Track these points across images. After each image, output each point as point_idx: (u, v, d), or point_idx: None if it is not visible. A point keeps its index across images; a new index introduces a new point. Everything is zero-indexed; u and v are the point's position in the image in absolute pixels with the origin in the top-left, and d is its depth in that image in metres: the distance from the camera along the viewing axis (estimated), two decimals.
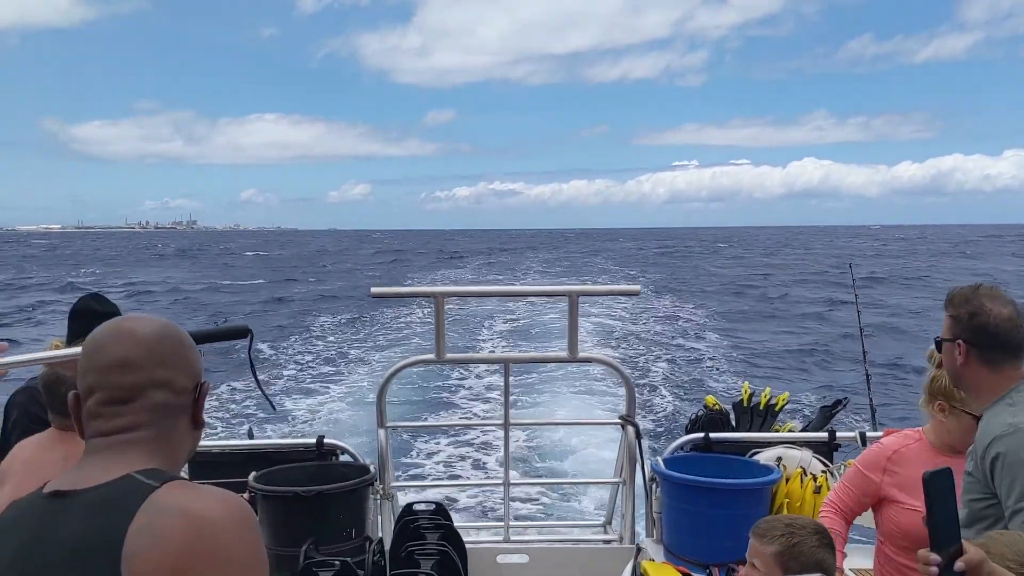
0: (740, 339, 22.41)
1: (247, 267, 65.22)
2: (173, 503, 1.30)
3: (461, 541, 3.79)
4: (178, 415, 1.49)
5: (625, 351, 19.42)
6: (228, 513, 1.32)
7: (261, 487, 3.81)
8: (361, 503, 3.91)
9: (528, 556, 4.19)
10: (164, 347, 1.48)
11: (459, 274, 48.45)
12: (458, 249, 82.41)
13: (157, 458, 1.42)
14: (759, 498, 3.82)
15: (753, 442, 4.26)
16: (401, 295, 6.59)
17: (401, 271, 47.56)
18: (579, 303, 4.23)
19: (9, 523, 1.40)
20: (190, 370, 1.51)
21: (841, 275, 28.90)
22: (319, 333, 23.73)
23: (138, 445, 1.42)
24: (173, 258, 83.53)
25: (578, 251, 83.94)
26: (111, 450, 1.41)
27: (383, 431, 4.30)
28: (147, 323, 1.50)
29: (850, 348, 17.70)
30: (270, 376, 16.52)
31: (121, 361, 1.44)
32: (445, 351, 4.26)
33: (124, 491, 1.33)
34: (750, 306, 30.62)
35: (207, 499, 1.34)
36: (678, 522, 3.91)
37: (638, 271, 45.91)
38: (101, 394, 1.43)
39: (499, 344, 19.99)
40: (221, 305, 34.00)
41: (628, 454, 4.29)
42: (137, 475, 1.36)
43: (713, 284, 39.42)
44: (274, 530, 3.78)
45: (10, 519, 1.41)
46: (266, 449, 4.39)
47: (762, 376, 16.22)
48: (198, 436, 1.56)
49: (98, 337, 1.48)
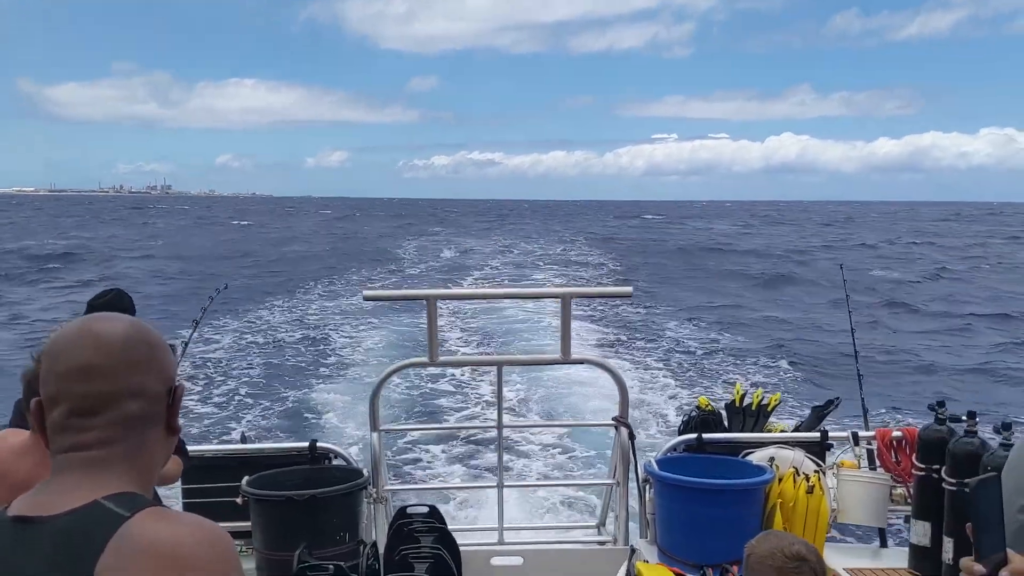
0: (729, 337, 22.44)
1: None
2: (142, 539, 1.21)
3: (455, 543, 3.79)
4: (152, 424, 1.38)
5: (617, 351, 19.43)
6: (202, 550, 1.23)
7: (254, 491, 3.80)
8: (354, 507, 3.91)
9: (522, 558, 4.19)
10: (133, 351, 1.35)
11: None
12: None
13: (129, 477, 1.32)
14: (752, 498, 3.83)
15: (746, 443, 4.28)
16: (393, 298, 6.57)
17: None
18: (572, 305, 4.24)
19: None
20: (163, 374, 1.39)
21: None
22: (311, 330, 23.68)
23: (109, 464, 1.31)
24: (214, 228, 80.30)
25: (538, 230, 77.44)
26: (79, 470, 1.30)
27: (376, 434, 4.29)
28: (113, 324, 1.37)
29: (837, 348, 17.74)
30: (262, 374, 16.47)
31: (86, 368, 1.31)
32: (438, 354, 4.26)
33: (91, 522, 1.23)
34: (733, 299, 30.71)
35: (179, 533, 1.24)
36: (672, 523, 3.92)
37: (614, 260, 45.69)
38: (66, 405, 1.31)
39: (492, 344, 19.98)
40: None
41: (621, 455, 4.29)
42: (106, 502, 1.25)
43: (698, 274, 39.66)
44: (267, 534, 3.77)
45: None
46: (259, 453, 4.39)
47: (750, 376, 16.24)
48: (174, 443, 1.45)
49: (59, 340, 1.35)
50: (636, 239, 59.87)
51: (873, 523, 4.11)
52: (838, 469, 4.13)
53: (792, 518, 3.81)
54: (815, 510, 3.84)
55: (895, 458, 4.16)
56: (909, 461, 4.04)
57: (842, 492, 4.04)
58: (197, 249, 47.02)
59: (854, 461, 4.22)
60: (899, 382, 15.94)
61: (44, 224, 75.14)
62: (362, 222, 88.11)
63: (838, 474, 4.09)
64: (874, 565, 3.79)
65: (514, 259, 42.22)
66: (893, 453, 4.17)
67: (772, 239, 61.20)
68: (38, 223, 76.87)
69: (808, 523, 3.82)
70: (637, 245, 52.52)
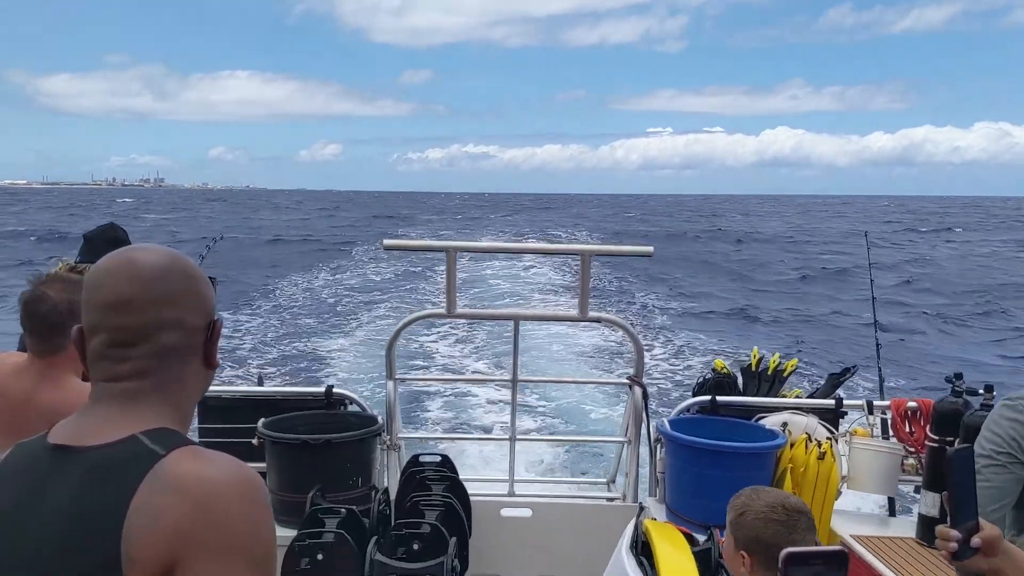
0: (746, 304, 22.37)
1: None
2: (176, 478, 1.22)
3: (466, 493, 3.83)
4: (190, 356, 1.38)
5: (635, 312, 19.42)
6: (234, 491, 1.24)
7: (270, 433, 3.85)
8: (368, 453, 3.96)
9: (531, 510, 4.24)
10: (172, 283, 1.35)
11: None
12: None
13: (166, 410, 1.34)
14: (763, 462, 3.84)
15: (759, 407, 4.27)
16: (413, 248, 6.57)
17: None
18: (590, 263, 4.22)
19: (12, 470, 1.32)
20: (202, 307, 1.39)
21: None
22: (328, 282, 23.82)
23: (146, 397, 1.33)
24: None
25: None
26: (117, 401, 1.32)
27: (391, 383, 4.32)
28: (153, 255, 1.37)
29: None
30: (281, 325, 16.62)
31: (125, 300, 1.32)
32: (456, 306, 4.27)
33: (128, 457, 1.25)
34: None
35: (213, 473, 1.25)
36: (681, 483, 3.94)
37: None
38: (105, 335, 1.33)
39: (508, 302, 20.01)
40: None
41: (634, 414, 4.31)
42: (143, 437, 1.27)
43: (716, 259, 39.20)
44: (282, 476, 3.83)
45: (12, 466, 1.34)
46: (275, 396, 4.43)
47: (767, 341, 16.22)
48: (211, 377, 1.46)
49: (100, 271, 1.36)
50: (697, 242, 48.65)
51: (883, 492, 4.11)
52: (851, 437, 4.13)
53: (802, 483, 3.82)
54: (825, 476, 3.84)
55: (909, 428, 4.14)
56: (923, 432, 4.02)
57: (853, 460, 4.04)
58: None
59: (867, 430, 4.21)
60: (919, 355, 15.90)
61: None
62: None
63: (850, 442, 4.09)
64: (881, 533, 3.80)
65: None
66: (907, 423, 4.15)
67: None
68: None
69: (818, 489, 3.83)
70: (698, 252, 41.74)
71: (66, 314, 2.41)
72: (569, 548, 4.13)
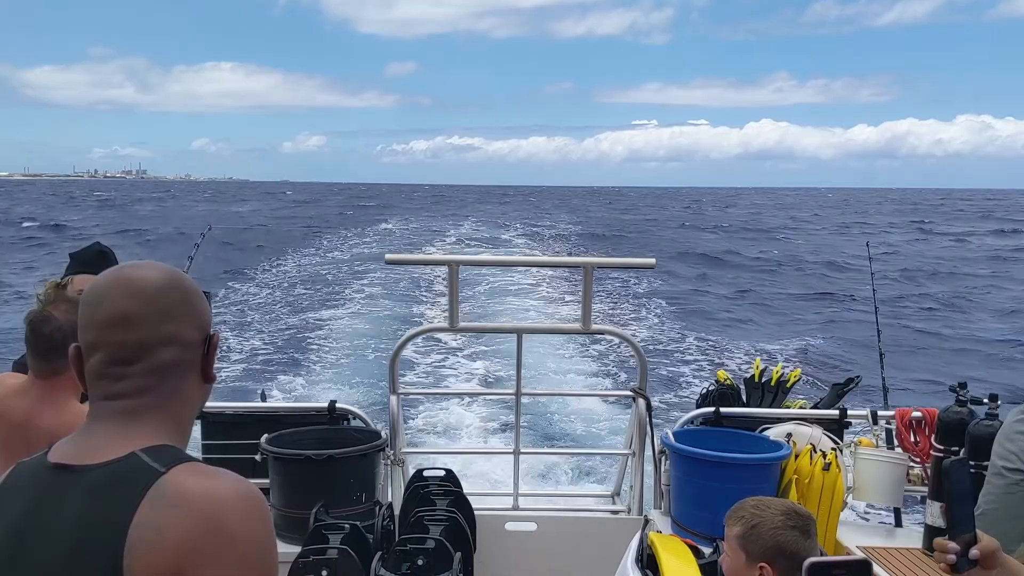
0: (749, 318, 22.35)
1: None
2: (177, 495, 1.23)
3: (470, 508, 3.82)
4: (188, 372, 1.39)
5: (637, 324, 19.40)
6: (236, 507, 1.25)
7: (273, 449, 3.84)
8: (372, 468, 3.95)
9: (536, 524, 4.22)
10: (169, 299, 1.36)
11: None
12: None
13: (165, 427, 1.35)
14: (767, 473, 3.83)
15: (763, 418, 4.26)
16: (415, 262, 6.58)
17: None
18: (593, 275, 4.22)
19: (12, 490, 1.34)
20: (198, 321, 1.41)
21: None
22: (333, 295, 23.82)
23: (146, 413, 1.34)
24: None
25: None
26: (116, 419, 1.33)
27: (395, 397, 4.32)
28: (149, 271, 1.38)
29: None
30: (283, 338, 16.60)
31: (123, 317, 1.33)
32: (459, 319, 4.27)
33: (128, 475, 1.25)
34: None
35: (215, 490, 1.26)
36: (686, 495, 3.93)
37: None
38: (104, 353, 1.34)
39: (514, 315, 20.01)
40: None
41: (638, 426, 4.30)
42: (142, 455, 1.28)
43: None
44: (285, 492, 3.82)
45: (14, 486, 1.34)
46: (278, 412, 4.43)
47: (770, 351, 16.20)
48: (208, 391, 1.47)
49: (98, 288, 1.36)
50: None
51: (889, 503, 4.09)
52: (856, 447, 4.11)
53: (808, 494, 3.81)
54: (831, 487, 3.83)
55: (914, 438, 4.13)
56: (928, 442, 4.01)
57: (859, 470, 4.02)
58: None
59: (872, 440, 4.20)
60: (923, 362, 15.87)
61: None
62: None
63: (855, 452, 4.07)
64: (888, 544, 3.78)
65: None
66: (912, 433, 4.14)
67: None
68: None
69: (823, 500, 3.82)
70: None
71: (70, 336, 2.41)
72: (574, 562, 4.11)
